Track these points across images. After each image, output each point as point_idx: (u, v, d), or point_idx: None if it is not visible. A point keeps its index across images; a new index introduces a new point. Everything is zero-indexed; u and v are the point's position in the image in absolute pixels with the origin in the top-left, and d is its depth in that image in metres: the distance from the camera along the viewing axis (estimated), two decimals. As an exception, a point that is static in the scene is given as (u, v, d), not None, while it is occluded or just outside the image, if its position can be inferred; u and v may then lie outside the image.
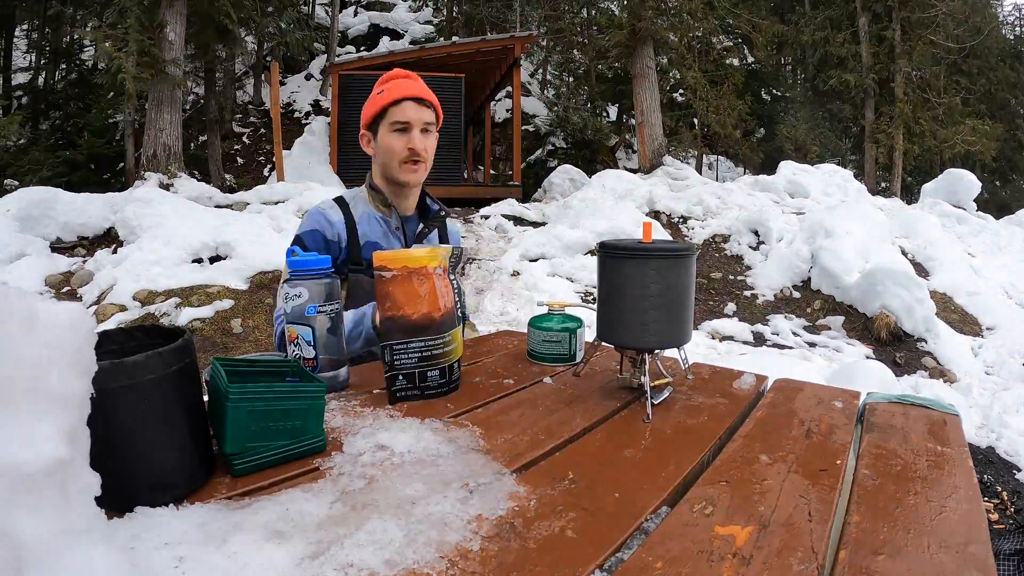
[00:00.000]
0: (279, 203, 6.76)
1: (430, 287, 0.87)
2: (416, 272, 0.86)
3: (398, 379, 0.86)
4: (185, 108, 9.88)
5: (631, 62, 10.69)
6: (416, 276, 0.86)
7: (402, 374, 0.86)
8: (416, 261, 0.86)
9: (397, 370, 0.86)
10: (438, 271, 0.89)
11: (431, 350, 0.87)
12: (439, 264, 0.89)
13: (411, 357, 0.86)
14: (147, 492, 0.55)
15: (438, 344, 0.87)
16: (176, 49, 7.78)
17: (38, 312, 0.42)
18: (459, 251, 1.00)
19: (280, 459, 0.65)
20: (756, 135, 14.24)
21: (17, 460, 0.38)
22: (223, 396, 0.61)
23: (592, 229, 6.75)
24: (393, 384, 0.86)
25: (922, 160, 14.27)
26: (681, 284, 0.86)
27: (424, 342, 0.86)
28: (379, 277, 0.86)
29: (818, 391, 0.99)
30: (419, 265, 0.86)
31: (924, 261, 6.71)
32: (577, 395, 0.92)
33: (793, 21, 15.41)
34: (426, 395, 0.87)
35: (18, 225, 5.59)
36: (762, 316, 5.88)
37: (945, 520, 0.59)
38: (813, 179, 9.41)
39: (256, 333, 4.74)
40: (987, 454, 3.49)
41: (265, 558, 0.48)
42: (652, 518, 0.58)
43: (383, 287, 0.86)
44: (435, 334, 0.87)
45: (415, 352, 0.86)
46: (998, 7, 19.18)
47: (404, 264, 0.86)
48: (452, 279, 0.94)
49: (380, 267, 0.86)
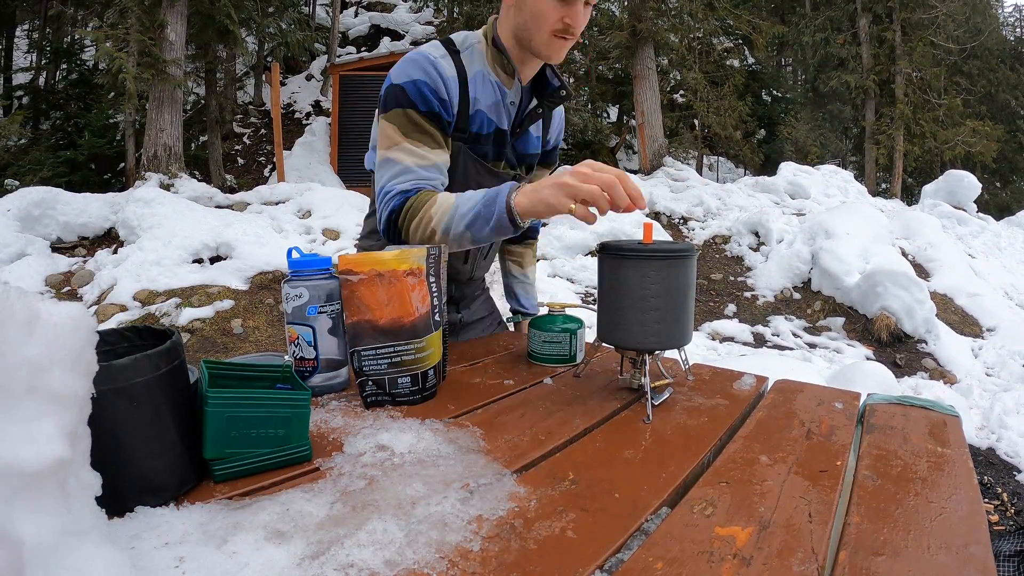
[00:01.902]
0: (279, 203, 6.77)
1: (399, 291, 0.84)
2: (384, 276, 0.83)
3: (368, 384, 0.85)
4: (186, 108, 9.89)
5: (632, 63, 10.70)
6: (384, 280, 0.83)
7: (372, 380, 0.84)
8: (384, 264, 0.83)
9: (366, 375, 0.84)
10: (411, 274, 0.85)
11: (401, 356, 0.84)
12: (411, 267, 0.85)
13: (380, 363, 0.84)
14: (137, 495, 0.55)
15: (409, 350, 0.85)
16: (177, 49, 7.79)
17: (39, 312, 0.42)
18: (436, 252, 0.92)
19: (263, 467, 0.64)
20: (756, 136, 14.24)
21: (18, 460, 0.38)
22: (203, 401, 0.61)
23: (592, 230, 6.76)
24: (364, 389, 0.85)
25: (922, 161, 14.27)
26: (682, 285, 0.86)
27: (394, 347, 0.84)
28: (345, 280, 0.84)
29: (818, 392, 0.99)
30: (387, 268, 0.83)
31: (924, 262, 6.71)
32: (577, 396, 0.92)
33: (793, 22, 15.42)
34: (397, 402, 0.85)
35: (19, 225, 5.59)
36: (762, 317, 5.88)
37: (945, 521, 0.59)
38: (813, 180, 9.41)
39: (256, 333, 4.74)
40: (987, 455, 3.49)
41: (265, 558, 0.48)
42: (652, 519, 0.58)
43: (349, 290, 0.84)
44: (405, 339, 0.84)
45: (384, 358, 0.84)
46: (998, 8, 19.19)
47: (372, 267, 0.83)
48: (430, 282, 0.90)
49: (346, 270, 0.84)
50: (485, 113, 1.12)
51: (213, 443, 0.61)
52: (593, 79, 14.05)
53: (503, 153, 1.20)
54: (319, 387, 0.89)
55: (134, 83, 7.21)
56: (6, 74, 13.84)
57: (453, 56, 1.09)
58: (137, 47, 7.35)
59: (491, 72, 1.12)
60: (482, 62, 1.12)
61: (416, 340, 0.85)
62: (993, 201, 15.96)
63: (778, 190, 8.91)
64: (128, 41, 7.40)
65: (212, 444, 0.61)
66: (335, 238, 6.10)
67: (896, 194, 13.34)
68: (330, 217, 6.35)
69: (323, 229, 6.20)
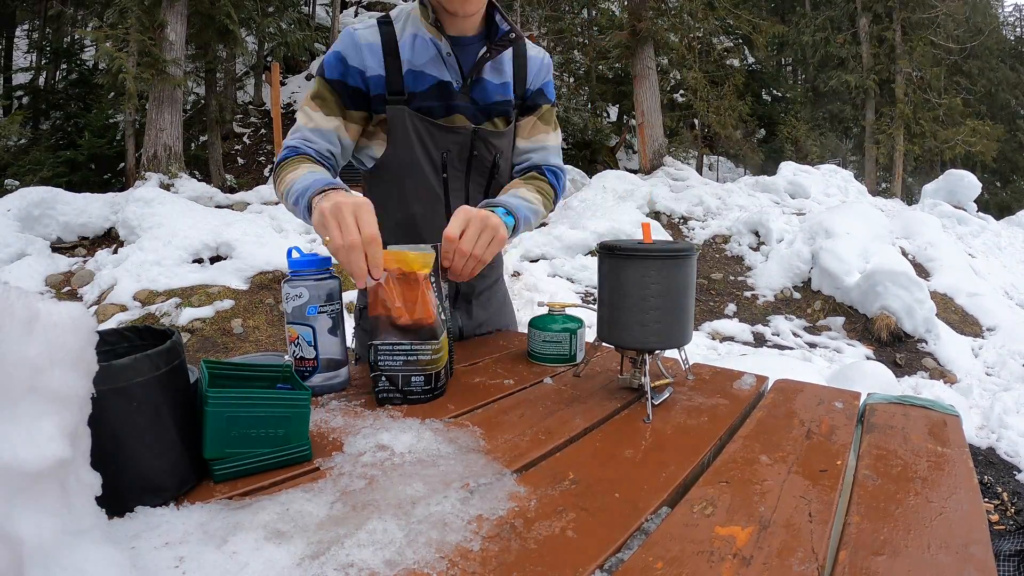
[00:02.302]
0: (279, 203, 6.77)
1: (421, 292, 0.85)
2: (408, 276, 0.85)
3: (381, 380, 0.85)
4: (186, 108, 9.89)
5: (632, 63, 10.69)
6: (407, 280, 0.85)
7: (385, 375, 0.85)
8: (409, 265, 0.85)
9: (381, 371, 0.85)
10: (429, 277, 0.87)
11: (417, 355, 0.85)
12: (430, 270, 0.87)
13: (396, 360, 0.85)
14: (137, 495, 0.55)
15: (426, 350, 0.85)
16: (177, 49, 7.79)
17: (39, 312, 0.42)
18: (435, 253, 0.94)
19: (262, 467, 0.64)
20: (757, 136, 14.25)
21: (18, 460, 0.38)
22: (203, 400, 0.61)
23: (593, 230, 6.76)
24: (376, 384, 0.86)
25: (922, 161, 14.28)
26: (682, 284, 0.86)
27: (411, 345, 0.85)
28: None
29: (818, 392, 0.99)
30: (410, 269, 0.85)
31: (924, 262, 6.71)
32: (577, 395, 0.92)
33: (794, 22, 15.42)
34: (409, 400, 0.86)
35: (19, 225, 5.60)
36: (762, 317, 5.88)
37: (945, 521, 0.59)
38: (813, 180, 9.41)
39: (256, 333, 4.74)
40: (987, 455, 3.49)
41: (265, 558, 0.48)
42: (652, 518, 0.58)
43: (374, 286, 0.85)
44: (423, 339, 0.85)
45: (400, 355, 0.85)
46: (998, 8, 19.18)
47: (398, 266, 0.85)
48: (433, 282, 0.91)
49: None
50: (422, 71, 1.15)
51: (213, 443, 0.61)
52: (593, 79, 14.06)
53: (454, 107, 1.18)
54: (319, 387, 0.89)
55: (134, 83, 7.21)
56: (6, 74, 13.83)
57: (382, 27, 1.16)
58: (137, 47, 7.36)
59: (425, 31, 1.16)
60: (415, 24, 1.17)
61: (433, 341, 0.86)
62: (993, 201, 15.96)
63: (778, 190, 8.91)
64: (128, 41, 7.40)
65: (212, 444, 0.61)
66: (335, 238, 6.09)
67: (896, 194, 13.34)
68: (330, 217, 6.34)
69: (323, 229, 6.19)
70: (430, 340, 0.86)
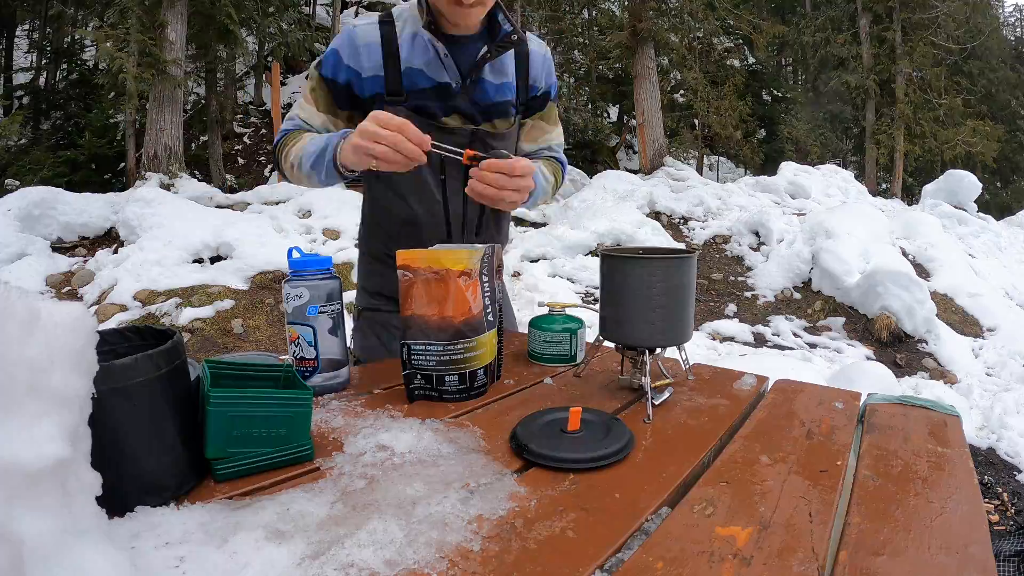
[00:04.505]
0: (280, 203, 6.77)
1: (452, 290, 0.85)
2: (439, 274, 0.85)
3: (416, 378, 0.86)
4: (186, 108, 9.89)
5: (632, 63, 10.69)
6: (438, 278, 0.85)
7: (420, 374, 0.86)
8: (439, 263, 0.85)
9: (415, 369, 0.86)
10: (464, 275, 0.86)
11: (450, 354, 0.85)
12: (465, 268, 0.86)
13: (429, 359, 0.86)
14: (137, 495, 0.55)
15: (458, 349, 0.86)
16: (177, 49, 7.79)
17: (39, 312, 0.42)
18: (490, 251, 0.94)
19: (264, 466, 0.64)
20: (757, 136, 14.24)
21: (18, 460, 0.38)
22: (205, 400, 0.61)
23: (593, 230, 6.76)
24: (412, 382, 0.86)
25: (923, 161, 14.27)
26: (682, 285, 0.87)
27: (444, 345, 0.85)
28: (402, 275, 0.86)
29: (819, 392, 0.99)
30: (442, 267, 0.85)
31: (925, 262, 6.70)
32: (578, 396, 0.92)
33: (794, 22, 15.43)
34: (444, 398, 0.87)
35: (19, 225, 5.59)
36: (763, 317, 5.88)
37: (945, 521, 0.59)
38: (814, 180, 9.41)
39: (257, 333, 4.74)
40: (988, 455, 3.49)
41: (266, 558, 0.48)
42: (652, 518, 0.58)
43: (405, 286, 0.86)
44: (455, 338, 0.85)
45: (433, 355, 0.85)
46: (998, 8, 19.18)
47: (428, 265, 0.85)
48: (483, 282, 0.91)
49: (403, 265, 0.86)
50: (422, 71, 1.15)
51: (215, 442, 0.61)
52: (593, 79, 14.05)
53: (453, 107, 1.18)
54: (320, 387, 0.89)
55: (134, 83, 7.21)
56: (6, 74, 13.83)
57: (382, 26, 1.15)
58: (137, 47, 7.35)
59: (424, 32, 1.14)
60: (415, 24, 1.16)
61: (465, 340, 0.86)
62: (993, 201, 15.95)
63: (778, 190, 8.91)
64: (128, 41, 7.39)
65: (214, 443, 0.61)
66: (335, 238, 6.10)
67: (896, 194, 13.34)
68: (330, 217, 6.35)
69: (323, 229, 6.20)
70: (460, 339, 0.86)
